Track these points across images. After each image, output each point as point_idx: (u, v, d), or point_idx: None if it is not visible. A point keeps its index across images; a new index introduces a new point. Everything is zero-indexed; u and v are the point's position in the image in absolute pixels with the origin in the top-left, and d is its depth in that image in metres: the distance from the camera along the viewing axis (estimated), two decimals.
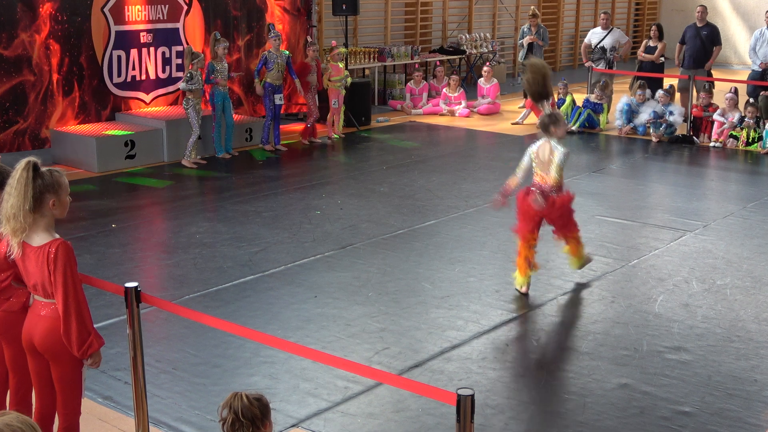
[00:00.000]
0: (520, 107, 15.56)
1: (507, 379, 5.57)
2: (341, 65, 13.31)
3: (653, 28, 15.12)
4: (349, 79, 13.51)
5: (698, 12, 14.80)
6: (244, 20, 13.44)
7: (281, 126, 12.82)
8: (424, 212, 9.31)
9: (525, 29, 15.96)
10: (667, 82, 14.84)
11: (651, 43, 14.94)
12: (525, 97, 15.70)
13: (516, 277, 7.08)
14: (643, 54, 14.96)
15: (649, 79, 14.40)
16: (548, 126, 6.91)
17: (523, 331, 6.32)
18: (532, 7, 16.56)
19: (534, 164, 7.08)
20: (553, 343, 6.14)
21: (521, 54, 16.08)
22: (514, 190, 7.15)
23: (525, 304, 6.80)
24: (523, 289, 7.01)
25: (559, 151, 6.89)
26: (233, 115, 12.10)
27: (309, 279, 7.29)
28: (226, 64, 11.87)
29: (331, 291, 7.02)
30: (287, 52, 12.46)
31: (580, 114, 14.16)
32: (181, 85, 11.41)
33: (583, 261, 7.38)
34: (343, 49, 13.82)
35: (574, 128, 14.01)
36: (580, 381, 5.56)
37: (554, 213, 7.00)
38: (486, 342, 6.10)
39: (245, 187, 10.35)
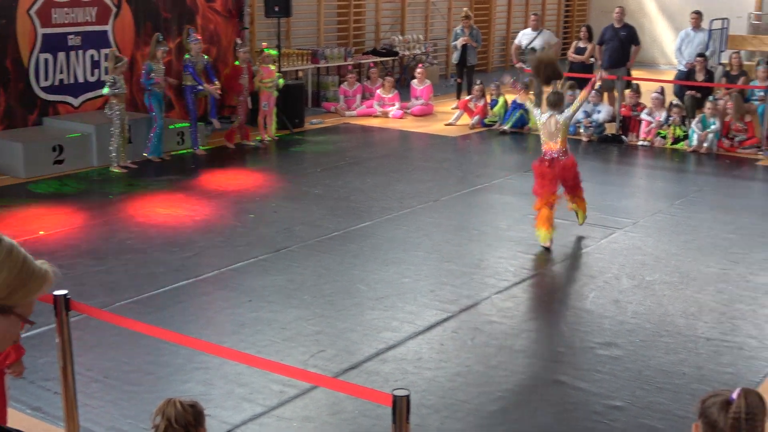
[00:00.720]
0: (453, 108, 15.68)
1: (442, 379, 5.61)
2: (273, 67, 13.25)
3: (583, 29, 15.39)
4: (282, 81, 13.46)
5: (616, 13, 15.12)
6: (175, 22, 13.29)
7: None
8: (359, 214, 9.32)
9: (458, 31, 16.08)
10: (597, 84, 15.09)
11: (581, 44, 15.21)
12: (458, 98, 15.85)
13: (540, 235, 8.13)
14: (573, 55, 15.21)
15: (580, 80, 14.63)
16: (555, 102, 8.23)
17: (458, 331, 6.37)
18: (464, 8, 16.72)
19: (541, 134, 8.30)
20: (488, 341, 6.20)
21: (455, 56, 16.20)
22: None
23: (459, 304, 6.86)
24: (548, 244, 8.08)
25: (564, 116, 8.22)
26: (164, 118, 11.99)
27: (243, 283, 7.24)
28: (163, 67, 11.78)
29: (266, 295, 6.98)
30: (207, 57, 12.55)
31: (513, 114, 14.31)
32: (104, 90, 11.25)
33: (586, 216, 8.71)
34: (273, 51, 13.76)
35: (506, 128, 14.18)
36: (514, 378, 5.62)
37: (567, 174, 8.30)
38: (421, 342, 6.13)
39: (177, 192, 10.24)
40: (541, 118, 8.30)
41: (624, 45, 14.82)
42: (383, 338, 6.18)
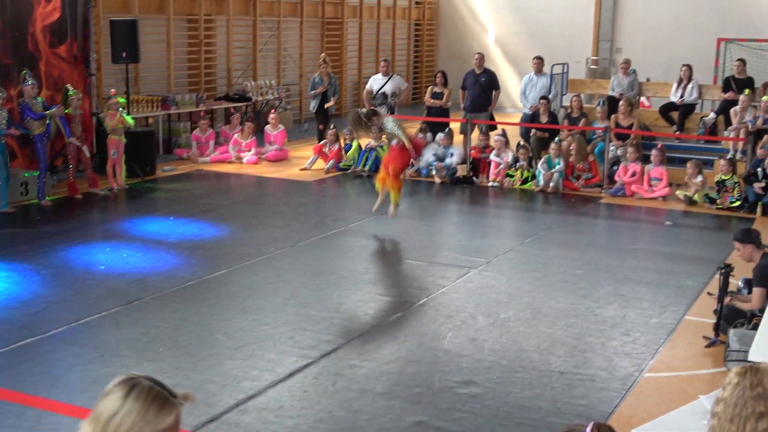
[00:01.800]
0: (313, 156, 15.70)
1: (304, 427, 5.55)
2: (121, 114, 12.94)
3: (438, 75, 15.78)
4: (131, 119, 13.13)
5: (476, 59, 15.64)
6: (16, 68, 12.81)
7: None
8: (215, 262, 9.18)
9: (316, 78, 16.07)
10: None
11: (437, 89, 15.59)
12: (320, 141, 15.84)
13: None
14: (431, 99, 15.56)
15: (435, 123, 15.01)
16: (375, 127, 10.66)
17: (319, 377, 6.34)
18: (322, 54, 16.79)
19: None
20: (350, 385, 6.19)
21: (313, 105, 16.15)
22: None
23: (320, 349, 6.83)
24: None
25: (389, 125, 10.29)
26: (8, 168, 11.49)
27: (94, 338, 6.97)
28: (6, 114, 11.31)
29: (119, 349, 6.75)
30: (41, 99, 12.12)
31: (367, 157, 14.48)
32: None
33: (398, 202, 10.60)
34: (122, 99, 13.46)
35: (360, 170, 14.31)
36: (376, 422, 5.63)
37: (390, 156, 10.58)
38: (282, 390, 6.06)
39: (23, 244, 9.79)
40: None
41: (485, 90, 15.34)
42: (243, 388, 6.07)
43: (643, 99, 17.37)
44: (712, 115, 14.99)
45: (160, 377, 6.56)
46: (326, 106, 15.86)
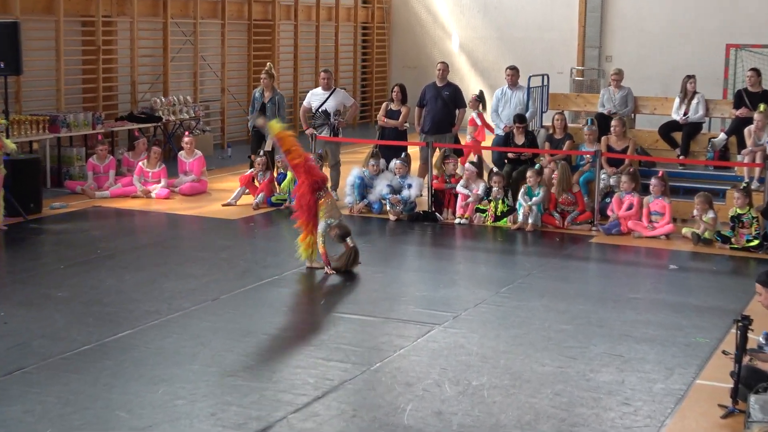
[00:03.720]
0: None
1: None
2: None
3: (395, 89, 15.77)
4: (12, 146, 12.98)
5: (438, 69, 15.72)
6: None
7: None
8: (117, 321, 9.05)
9: (257, 94, 15.98)
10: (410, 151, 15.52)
11: (393, 107, 15.61)
12: (251, 167, 15.69)
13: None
14: (384, 119, 15.58)
15: (389, 149, 15.02)
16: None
17: None
18: (268, 63, 16.71)
19: None
20: None
21: (251, 122, 15.97)
22: None
23: (249, 428, 6.73)
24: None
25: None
26: None
27: None
28: None
29: None
30: None
31: None
32: None
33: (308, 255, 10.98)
34: (1, 120, 13.32)
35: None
36: None
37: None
38: None
39: None
40: None
41: (448, 107, 15.41)
42: None
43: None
44: (722, 135, 15.22)
45: None
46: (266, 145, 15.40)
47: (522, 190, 13.70)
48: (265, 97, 15.72)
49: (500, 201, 13.75)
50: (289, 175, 14.67)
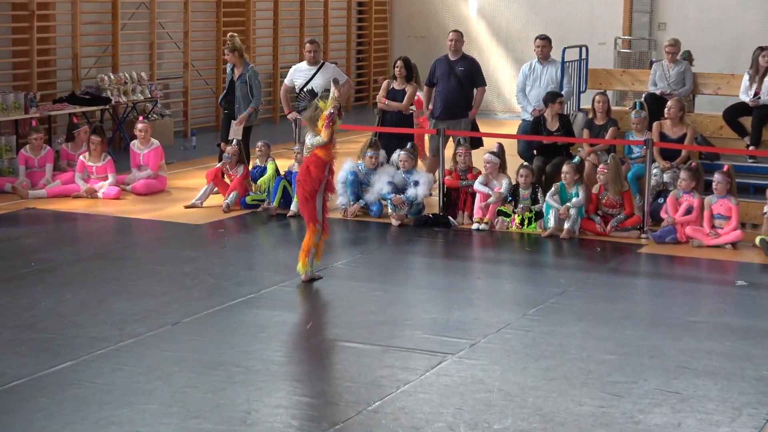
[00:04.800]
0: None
1: None
2: None
3: (398, 63, 15.73)
4: None
5: (451, 40, 15.66)
6: None
7: None
8: (55, 349, 9.04)
9: (229, 70, 15.97)
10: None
11: (396, 86, 15.60)
12: (230, 161, 15.65)
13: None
14: (386, 101, 15.56)
15: (392, 137, 15.00)
16: (311, 119, 11.10)
17: None
18: (229, 34, 16.68)
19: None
20: None
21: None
22: None
23: None
24: (303, 277, 10.97)
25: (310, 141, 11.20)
26: None
27: None
28: None
29: None
30: None
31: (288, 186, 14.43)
32: None
33: (307, 269, 11.00)
34: None
35: (275, 207, 14.26)
36: None
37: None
38: None
39: None
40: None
41: (463, 85, 15.39)
42: None
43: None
44: None
45: None
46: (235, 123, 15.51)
47: (552, 189, 13.65)
48: (235, 74, 15.71)
49: (528, 203, 13.72)
50: (270, 168, 14.65)
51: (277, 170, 14.71)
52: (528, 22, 24.08)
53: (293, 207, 13.90)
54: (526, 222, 13.64)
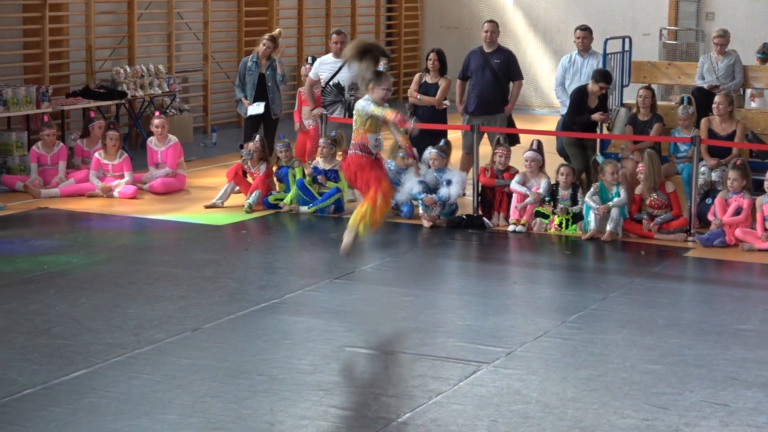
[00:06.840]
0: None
1: None
2: None
3: (431, 56, 15.74)
4: None
5: (486, 31, 15.64)
6: None
7: None
8: (69, 356, 9.09)
9: (249, 63, 15.99)
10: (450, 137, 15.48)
11: (428, 79, 15.60)
12: (250, 157, 15.70)
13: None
14: (418, 95, 15.56)
15: (423, 134, 14.98)
16: (368, 82, 10.42)
17: None
18: (278, 29, 16.72)
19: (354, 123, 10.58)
20: None
21: (245, 110, 15.96)
22: None
23: None
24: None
25: (362, 105, 10.44)
26: None
27: None
28: None
29: None
30: None
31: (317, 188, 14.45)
32: None
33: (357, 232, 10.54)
34: None
35: (307, 209, 14.26)
36: None
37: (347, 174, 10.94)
38: None
39: None
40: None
41: (499, 79, 15.38)
42: None
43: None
44: None
45: None
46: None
47: (592, 189, 13.61)
48: (262, 66, 15.77)
49: (567, 204, 13.70)
50: (298, 170, 14.60)
51: (303, 170, 14.59)
52: (567, 12, 24.05)
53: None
54: (565, 224, 13.64)
